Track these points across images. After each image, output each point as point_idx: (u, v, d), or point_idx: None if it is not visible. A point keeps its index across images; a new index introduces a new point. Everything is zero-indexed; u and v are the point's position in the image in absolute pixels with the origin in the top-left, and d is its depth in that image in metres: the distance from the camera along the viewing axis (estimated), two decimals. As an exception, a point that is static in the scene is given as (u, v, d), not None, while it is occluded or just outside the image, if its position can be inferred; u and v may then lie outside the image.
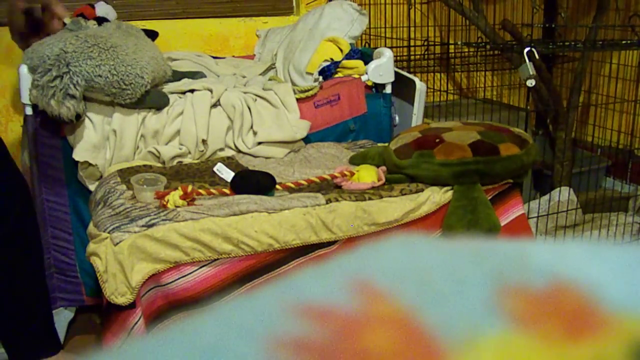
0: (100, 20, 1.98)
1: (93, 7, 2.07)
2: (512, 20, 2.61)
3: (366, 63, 2.03)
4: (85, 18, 2.00)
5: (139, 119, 1.77)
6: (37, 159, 1.78)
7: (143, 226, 1.28)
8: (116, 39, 1.76)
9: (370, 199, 1.43)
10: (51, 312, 1.69)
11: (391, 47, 2.27)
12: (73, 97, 1.62)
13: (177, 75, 2.01)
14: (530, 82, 1.92)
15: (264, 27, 2.58)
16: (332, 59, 2.08)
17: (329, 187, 1.53)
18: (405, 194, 1.47)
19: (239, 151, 1.83)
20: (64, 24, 1.92)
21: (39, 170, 1.79)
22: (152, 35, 2.10)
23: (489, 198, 1.52)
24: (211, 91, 1.84)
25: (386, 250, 0.24)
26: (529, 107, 2.43)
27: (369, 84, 2.02)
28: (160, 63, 1.87)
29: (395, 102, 2.09)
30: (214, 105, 1.84)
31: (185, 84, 1.92)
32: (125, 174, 1.61)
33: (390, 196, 1.45)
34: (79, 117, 1.67)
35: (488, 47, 2.65)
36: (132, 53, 1.74)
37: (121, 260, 1.24)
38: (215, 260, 1.32)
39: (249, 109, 1.85)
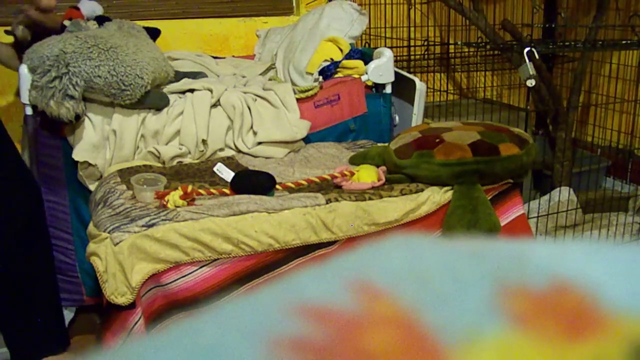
0: (101, 20, 1.98)
1: (78, 8, 2.03)
2: (512, 20, 2.61)
3: (366, 63, 2.03)
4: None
5: (139, 119, 1.77)
6: (37, 159, 1.78)
7: (143, 226, 1.28)
8: (117, 40, 1.76)
9: (370, 199, 1.43)
10: (61, 309, 1.70)
11: (391, 47, 2.27)
12: (72, 97, 1.62)
13: (179, 76, 2.01)
14: (530, 82, 1.92)
15: (264, 27, 2.58)
16: (332, 59, 2.08)
17: (329, 187, 1.53)
18: (405, 194, 1.47)
19: (239, 151, 1.83)
20: (64, 26, 1.91)
21: (39, 170, 1.79)
22: (155, 33, 2.09)
23: (489, 198, 1.52)
24: (211, 91, 1.84)
25: (386, 250, 0.24)
26: (529, 107, 2.43)
27: (369, 84, 2.02)
28: (162, 64, 1.87)
29: (395, 102, 2.09)
30: (214, 105, 1.84)
31: (185, 83, 1.92)
32: (125, 174, 1.61)
33: (390, 196, 1.45)
34: (78, 118, 1.67)
35: (488, 47, 2.65)
36: (132, 54, 1.74)
37: (121, 260, 1.24)
38: (215, 260, 1.32)
39: (249, 109, 1.85)
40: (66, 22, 1.93)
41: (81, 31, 1.82)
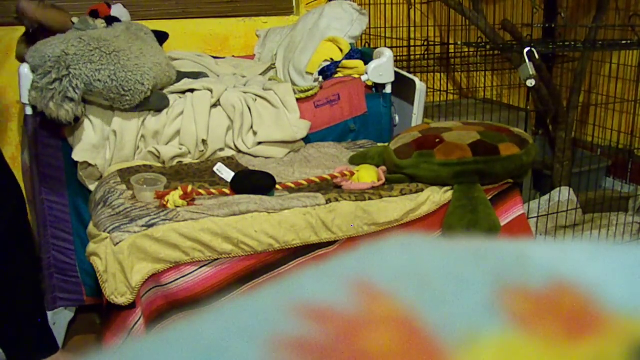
0: (110, 20, 1.98)
1: (110, 6, 2.07)
2: (512, 20, 2.61)
3: (366, 63, 2.03)
4: (97, 16, 2.01)
5: (139, 119, 1.77)
6: (37, 159, 1.78)
7: (143, 226, 1.28)
8: (121, 43, 1.76)
9: (370, 199, 1.43)
10: (46, 314, 1.69)
11: (391, 47, 2.27)
12: (72, 100, 1.62)
13: (180, 76, 2.01)
14: (530, 82, 1.92)
15: (264, 27, 2.58)
16: (332, 59, 2.08)
17: (329, 187, 1.53)
18: (405, 194, 1.47)
19: (239, 151, 1.83)
20: (72, 23, 1.92)
21: (39, 170, 1.79)
22: (163, 37, 2.10)
23: (489, 198, 1.52)
24: (211, 91, 1.84)
25: (386, 250, 0.24)
26: (529, 107, 2.42)
27: (369, 84, 2.02)
28: (165, 69, 1.87)
29: (395, 102, 2.09)
30: (214, 105, 1.84)
31: (185, 83, 1.92)
32: (125, 174, 1.61)
33: (390, 196, 1.45)
34: (77, 120, 1.67)
35: (488, 47, 2.64)
36: (134, 58, 1.74)
37: (121, 260, 1.24)
38: (215, 260, 1.32)
39: (249, 109, 1.85)
40: (74, 19, 1.93)
41: (88, 29, 1.82)
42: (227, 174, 1.56)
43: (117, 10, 2.08)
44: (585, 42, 2.51)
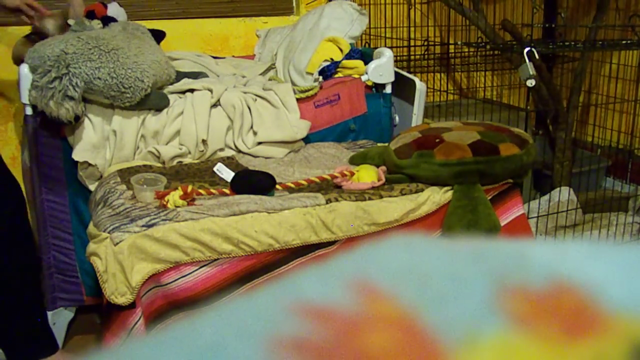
0: (106, 20, 1.98)
1: (105, 6, 2.07)
2: (512, 20, 2.61)
3: (366, 63, 2.03)
4: (93, 16, 2.01)
5: (139, 119, 1.77)
6: (37, 159, 1.78)
7: (143, 226, 1.28)
8: (119, 41, 1.76)
9: (370, 199, 1.43)
10: (45, 314, 1.69)
11: (391, 47, 2.27)
12: (72, 98, 1.62)
13: (180, 76, 2.01)
14: (530, 82, 1.92)
15: (264, 27, 2.58)
16: (332, 59, 2.08)
17: (329, 187, 1.53)
18: (405, 194, 1.47)
19: (239, 151, 1.83)
20: (68, 25, 1.92)
21: (39, 170, 1.79)
22: (159, 35, 2.10)
23: (489, 198, 1.52)
24: (211, 91, 1.84)
25: (386, 250, 0.24)
26: (529, 107, 2.42)
27: (369, 84, 2.02)
28: (164, 67, 1.87)
29: (395, 102, 2.09)
30: (214, 105, 1.84)
31: (184, 83, 1.92)
32: (125, 174, 1.61)
33: (390, 196, 1.45)
34: (77, 119, 1.67)
35: (488, 47, 2.64)
36: (133, 56, 1.74)
37: (121, 260, 1.24)
38: (215, 260, 1.32)
39: (249, 109, 1.85)
40: (70, 21, 1.93)
41: (85, 31, 1.82)
42: (227, 174, 1.56)
43: (114, 10, 2.07)
44: (585, 42, 2.51)
